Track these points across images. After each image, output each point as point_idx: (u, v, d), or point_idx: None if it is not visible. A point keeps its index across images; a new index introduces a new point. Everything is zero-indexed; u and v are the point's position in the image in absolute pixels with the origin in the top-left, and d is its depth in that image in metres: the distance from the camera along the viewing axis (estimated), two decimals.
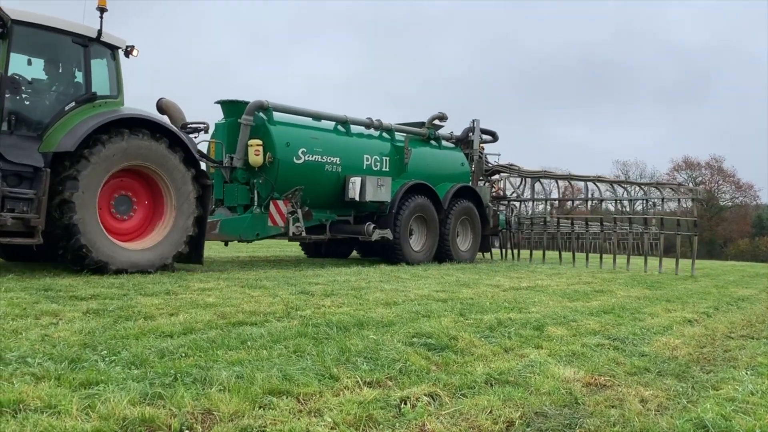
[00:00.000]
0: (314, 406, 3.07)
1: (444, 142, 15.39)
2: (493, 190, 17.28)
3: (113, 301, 5.91)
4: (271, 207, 11.06)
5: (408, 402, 3.21)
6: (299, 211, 11.34)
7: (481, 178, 16.45)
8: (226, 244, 12.60)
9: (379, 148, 13.38)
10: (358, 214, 12.93)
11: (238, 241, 11.36)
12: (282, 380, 3.30)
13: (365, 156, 12.91)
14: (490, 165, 16.87)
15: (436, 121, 14.91)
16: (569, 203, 24.36)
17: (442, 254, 14.03)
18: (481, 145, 16.61)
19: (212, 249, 17.00)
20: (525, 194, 17.86)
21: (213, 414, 2.86)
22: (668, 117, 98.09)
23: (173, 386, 3.14)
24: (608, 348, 4.98)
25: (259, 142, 11.05)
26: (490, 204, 16.03)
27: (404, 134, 14.14)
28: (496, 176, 17.48)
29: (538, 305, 7.19)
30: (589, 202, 19.74)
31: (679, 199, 17.52)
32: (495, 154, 17.37)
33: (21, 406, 2.78)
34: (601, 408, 3.40)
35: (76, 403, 2.80)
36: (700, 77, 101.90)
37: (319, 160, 11.89)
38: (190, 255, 9.33)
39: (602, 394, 3.67)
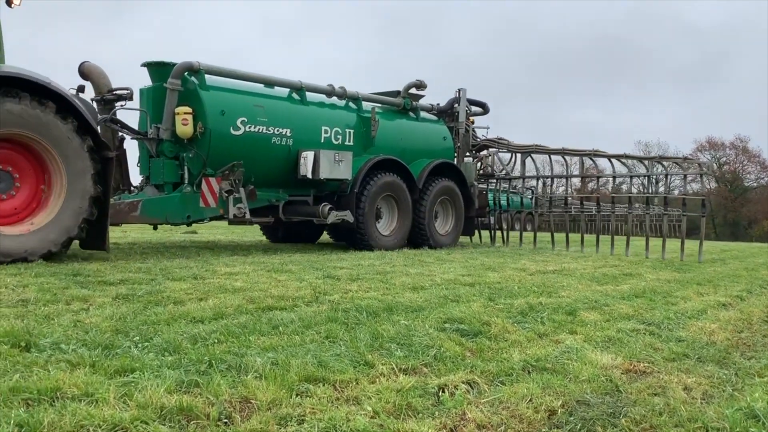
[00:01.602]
0: (351, 394, 3.02)
1: (424, 114, 13.81)
2: (480, 166, 15.70)
3: (142, 286, 5.91)
4: (203, 185, 9.63)
5: (446, 390, 3.15)
6: (241, 190, 9.99)
7: (467, 153, 14.93)
8: (155, 228, 11.26)
9: (342, 119, 11.82)
10: (318, 194, 11.44)
11: (167, 224, 10.02)
12: (317, 367, 3.25)
13: (323, 128, 11.37)
14: (477, 139, 15.22)
15: (414, 90, 13.30)
16: (590, 183, 22.72)
17: (417, 239, 12.60)
18: (471, 117, 15.02)
19: (234, 233, 17.06)
20: (515, 171, 16.06)
21: (251, 402, 2.82)
22: (686, 98, 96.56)
23: (209, 373, 3.11)
24: (644, 333, 4.88)
25: (188, 109, 9.60)
26: (475, 182, 14.41)
27: (374, 104, 12.51)
28: (485, 152, 15.88)
29: (567, 289, 7.08)
30: (610, 182, 18.60)
31: (685, 176, 16.03)
32: (483, 127, 15.68)
33: (58, 394, 2.76)
34: (644, 396, 3.31)
35: (113, 392, 2.77)
36: (718, 57, 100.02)
37: (264, 131, 10.36)
38: (91, 241, 8.14)
39: (643, 381, 3.58)
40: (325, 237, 14.51)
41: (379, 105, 12.84)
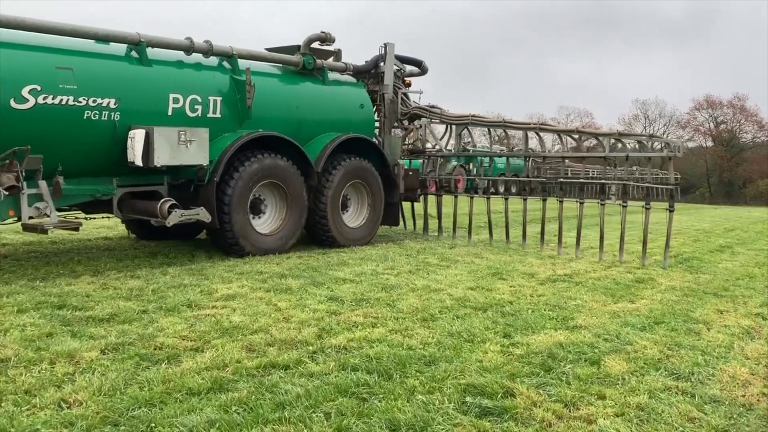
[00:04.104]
0: None
1: (336, 76, 11.35)
2: (408, 140, 13.48)
3: (132, 327, 5.51)
4: None
5: None
6: (41, 184, 7.57)
7: (395, 124, 12.63)
8: None
9: (205, 84, 9.19)
10: (174, 182, 9.04)
11: None
12: None
13: (172, 96, 8.74)
14: (408, 107, 12.85)
15: (317, 44, 10.84)
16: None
17: (318, 235, 10.44)
18: (408, 79, 12.88)
19: None
20: (449, 145, 13.99)
21: None
22: (680, 53, 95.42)
23: None
24: (676, 393, 4.53)
25: None
26: (399, 161, 12.08)
27: (269, 64, 10.29)
28: (417, 122, 13.47)
29: (582, 312, 6.73)
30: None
31: (649, 158, 12.39)
32: (416, 92, 13.22)
33: None
34: None
35: None
36: (708, 10, 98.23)
37: (71, 103, 7.74)
38: None
39: None
40: None
41: (267, 64, 10.42)
